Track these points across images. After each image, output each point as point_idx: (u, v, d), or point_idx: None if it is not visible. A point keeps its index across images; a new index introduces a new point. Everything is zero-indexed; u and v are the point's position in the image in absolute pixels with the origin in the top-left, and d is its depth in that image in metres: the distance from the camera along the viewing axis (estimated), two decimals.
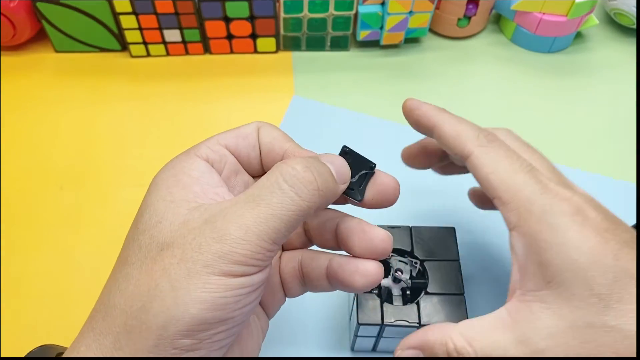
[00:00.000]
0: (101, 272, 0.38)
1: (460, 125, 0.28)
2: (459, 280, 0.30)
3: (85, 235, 0.40)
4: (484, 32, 0.56)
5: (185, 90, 0.49)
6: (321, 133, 0.46)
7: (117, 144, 0.45)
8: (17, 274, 0.38)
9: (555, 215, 0.23)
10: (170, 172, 0.24)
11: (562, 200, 0.24)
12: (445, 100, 0.49)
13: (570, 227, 0.23)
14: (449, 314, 0.29)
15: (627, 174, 0.44)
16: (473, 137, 0.27)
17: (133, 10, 0.47)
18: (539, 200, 0.24)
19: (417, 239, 0.32)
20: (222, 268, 0.20)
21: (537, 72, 0.52)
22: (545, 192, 0.24)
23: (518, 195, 0.24)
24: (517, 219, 0.24)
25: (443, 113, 0.29)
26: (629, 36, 0.56)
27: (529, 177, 0.25)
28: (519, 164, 0.25)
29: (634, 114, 0.49)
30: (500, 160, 0.26)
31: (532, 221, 0.24)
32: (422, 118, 0.29)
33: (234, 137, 0.25)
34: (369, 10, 0.49)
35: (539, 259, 0.23)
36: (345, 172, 0.24)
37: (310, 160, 0.22)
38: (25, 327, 0.35)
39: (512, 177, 0.25)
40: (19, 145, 0.45)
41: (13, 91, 0.49)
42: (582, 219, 0.23)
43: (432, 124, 0.29)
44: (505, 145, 0.27)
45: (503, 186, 0.25)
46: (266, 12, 0.48)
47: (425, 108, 0.29)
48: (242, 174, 0.26)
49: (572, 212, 0.23)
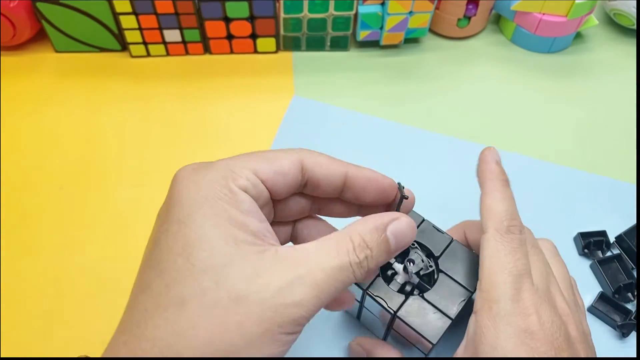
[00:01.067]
0: (101, 271, 0.38)
1: (499, 203, 0.29)
2: (457, 305, 0.30)
3: (86, 235, 0.40)
4: (483, 32, 0.56)
5: (185, 90, 0.49)
6: (321, 133, 0.46)
7: (117, 143, 0.45)
8: (17, 274, 0.38)
9: (505, 323, 0.25)
10: (215, 198, 0.22)
11: (520, 314, 0.26)
12: (445, 101, 0.50)
13: (510, 338, 0.25)
14: (427, 324, 0.29)
15: (627, 174, 0.44)
16: (498, 220, 0.28)
17: (133, 11, 0.47)
18: (502, 304, 0.26)
19: (450, 252, 0.32)
20: (290, 329, 0.21)
21: (536, 73, 0.52)
22: (513, 301, 0.26)
23: (492, 290, 0.26)
24: (480, 307, 0.26)
25: (494, 182, 0.30)
26: (628, 37, 0.56)
27: (511, 279, 0.26)
28: (513, 264, 0.27)
29: (634, 114, 0.49)
30: (502, 252, 0.27)
31: (487, 316, 0.26)
32: (481, 173, 0.31)
33: (274, 172, 0.24)
34: (369, 10, 0.49)
35: (476, 350, 0.26)
36: (405, 244, 0.25)
37: (373, 237, 0.23)
38: (25, 327, 0.35)
39: (498, 272, 0.27)
40: (19, 145, 0.45)
41: (13, 91, 0.49)
42: (526, 338, 0.25)
43: (483, 186, 0.30)
44: (518, 242, 0.28)
45: (487, 275, 0.27)
46: (266, 12, 0.48)
47: (489, 169, 0.30)
48: (269, 207, 0.26)
49: (519, 330, 0.25)
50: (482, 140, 0.46)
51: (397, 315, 0.29)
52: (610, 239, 0.39)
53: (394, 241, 0.24)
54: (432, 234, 0.32)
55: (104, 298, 0.37)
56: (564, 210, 0.42)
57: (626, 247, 0.39)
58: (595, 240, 0.39)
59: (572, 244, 0.40)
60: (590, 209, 0.42)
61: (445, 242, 0.32)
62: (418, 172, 0.44)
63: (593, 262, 0.38)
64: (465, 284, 0.30)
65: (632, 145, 0.47)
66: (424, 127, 0.47)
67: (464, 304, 0.30)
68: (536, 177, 0.44)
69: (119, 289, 0.37)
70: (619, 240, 0.39)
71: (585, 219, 0.41)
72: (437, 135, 0.47)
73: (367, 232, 0.23)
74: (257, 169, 0.23)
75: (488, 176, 0.30)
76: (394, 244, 0.24)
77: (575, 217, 0.41)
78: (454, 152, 0.45)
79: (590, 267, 0.39)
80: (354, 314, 0.35)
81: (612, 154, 0.46)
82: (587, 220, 0.41)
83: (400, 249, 0.25)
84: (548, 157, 0.45)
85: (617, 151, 0.46)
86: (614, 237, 0.39)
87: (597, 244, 0.39)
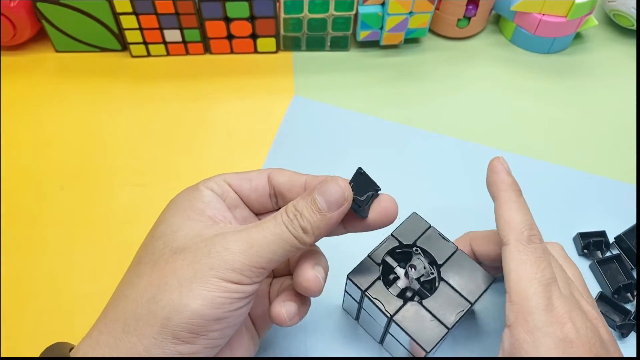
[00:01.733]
0: (101, 271, 0.38)
1: (515, 214, 0.29)
2: (455, 315, 0.29)
3: (86, 235, 0.40)
4: (483, 32, 0.56)
5: (186, 90, 0.49)
6: (321, 133, 0.46)
7: (117, 143, 0.45)
8: (17, 274, 0.38)
9: (543, 334, 0.26)
10: (184, 198, 0.28)
11: (557, 324, 0.26)
12: (444, 101, 0.50)
13: (550, 352, 0.26)
14: (422, 331, 0.29)
15: (627, 174, 0.44)
16: (518, 231, 0.28)
17: (133, 11, 0.47)
18: (537, 316, 0.26)
19: (454, 261, 0.31)
20: (223, 273, 0.24)
21: (536, 73, 0.52)
22: (547, 311, 0.26)
23: (524, 302, 0.27)
24: (514, 321, 0.27)
25: (509, 192, 0.30)
26: (628, 37, 0.56)
27: (541, 289, 0.27)
28: (541, 274, 0.27)
29: (634, 115, 0.49)
30: (527, 263, 0.28)
31: (523, 329, 0.26)
32: (492, 185, 0.31)
33: (239, 178, 0.29)
34: (369, 10, 0.49)
35: None
36: (335, 200, 0.26)
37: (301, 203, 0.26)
38: (25, 327, 0.35)
39: (527, 284, 0.27)
40: (19, 145, 0.45)
41: (13, 91, 0.49)
42: (562, 351, 0.26)
43: (495, 197, 0.31)
44: (541, 251, 0.28)
45: (516, 287, 0.27)
46: (266, 12, 0.48)
47: (500, 179, 0.31)
48: (242, 209, 0.30)
49: (557, 340, 0.26)
50: (482, 140, 0.46)
51: (394, 319, 0.29)
52: (610, 240, 0.40)
53: (322, 200, 0.26)
54: (437, 242, 0.32)
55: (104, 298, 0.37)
56: (563, 210, 0.42)
57: (625, 248, 0.39)
58: (594, 240, 0.39)
59: (571, 244, 0.40)
60: (589, 209, 0.42)
61: (450, 250, 0.32)
62: (418, 172, 0.44)
63: (592, 263, 0.39)
64: (465, 294, 0.30)
65: (632, 145, 0.47)
66: (424, 127, 0.47)
67: (462, 314, 0.29)
68: (536, 177, 0.44)
69: None
70: (619, 241, 0.39)
71: (584, 219, 0.41)
72: (436, 135, 0.47)
73: (298, 200, 0.26)
74: (226, 177, 0.29)
75: (501, 187, 0.30)
76: (323, 202, 0.26)
77: (574, 217, 0.41)
78: (453, 151, 0.45)
79: (590, 267, 0.39)
80: (353, 315, 0.35)
81: (612, 154, 0.46)
82: (587, 220, 0.41)
83: (335, 208, 0.26)
84: (547, 157, 0.45)
85: (617, 151, 0.46)
86: (614, 238, 0.40)
87: (596, 244, 0.39)
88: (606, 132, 0.48)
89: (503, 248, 0.29)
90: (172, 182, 0.42)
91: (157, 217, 0.28)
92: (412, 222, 0.33)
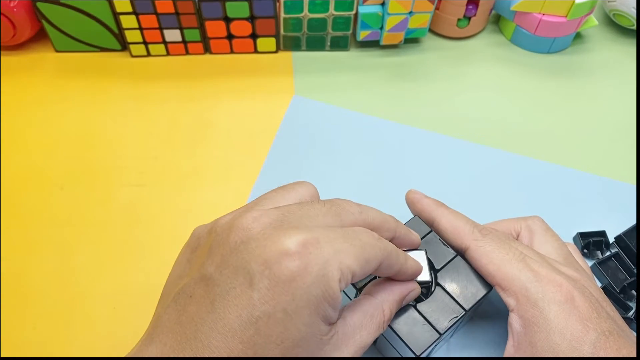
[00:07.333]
0: (101, 271, 0.38)
1: (457, 220, 0.31)
2: (448, 321, 0.29)
3: (85, 235, 0.40)
4: (483, 32, 0.56)
5: (186, 90, 0.49)
6: (321, 133, 0.46)
7: (117, 143, 0.45)
8: (17, 274, 0.38)
9: (547, 302, 0.27)
10: (317, 303, 0.23)
11: (554, 286, 0.27)
12: (444, 101, 0.50)
13: (558, 315, 0.26)
14: (413, 335, 0.29)
15: (627, 174, 0.44)
16: (468, 232, 0.30)
17: (133, 10, 0.47)
18: (533, 288, 0.27)
19: (452, 267, 0.31)
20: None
21: (536, 73, 0.52)
22: (538, 279, 0.28)
23: (515, 283, 0.28)
24: (516, 303, 0.28)
25: (441, 208, 0.32)
26: (628, 37, 0.56)
27: (522, 265, 0.28)
28: (511, 253, 0.29)
29: (634, 115, 0.49)
30: (494, 252, 0.29)
31: (528, 306, 0.27)
32: (422, 212, 0.33)
33: (364, 263, 0.24)
34: (369, 10, 0.49)
35: (531, 339, 0.27)
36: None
37: (395, 308, 0.28)
38: (25, 327, 0.35)
39: (507, 267, 0.28)
40: (19, 145, 0.45)
41: (13, 91, 0.49)
42: (570, 307, 0.27)
43: (432, 218, 0.32)
44: (497, 237, 0.30)
45: (500, 274, 0.28)
46: (266, 12, 0.48)
47: (426, 202, 0.33)
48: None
49: (562, 300, 0.27)
50: (482, 140, 0.46)
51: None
52: (610, 239, 0.40)
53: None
54: (436, 246, 0.32)
55: (104, 298, 0.37)
56: (563, 210, 0.42)
57: (625, 248, 0.39)
58: (594, 240, 0.39)
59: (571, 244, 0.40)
60: (589, 209, 0.42)
61: (449, 256, 0.31)
62: (417, 172, 0.44)
63: (594, 264, 0.38)
64: (460, 301, 0.30)
65: (632, 145, 0.47)
66: (424, 127, 0.47)
67: (455, 321, 0.29)
68: (536, 177, 0.44)
69: (119, 289, 0.37)
70: (619, 241, 0.39)
71: (584, 219, 0.41)
72: (436, 135, 0.47)
73: (395, 304, 0.27)
74: (350, 264, 0.23)
75: (430, 209, 0.32)
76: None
77: (574, 217, 0.41)
78: (453, 151, 0.45)
79: (590, 267, 0.39)
80: None
81: (612, 154, 0.46)
82: (587, 220, 0.41)
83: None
84: (548, 157, 0.45)
85: (617, 151, 0.46)
86: (614, 238, 0.40)
87: (596, 244, 0.39)
88: (606, 132, 0.48)
89: (466, 253, 0.30)
90: (172, 182, 0.42)
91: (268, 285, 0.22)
92: (412, 225, 0.33)
